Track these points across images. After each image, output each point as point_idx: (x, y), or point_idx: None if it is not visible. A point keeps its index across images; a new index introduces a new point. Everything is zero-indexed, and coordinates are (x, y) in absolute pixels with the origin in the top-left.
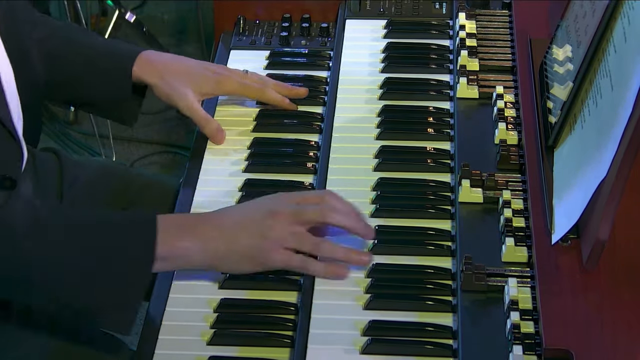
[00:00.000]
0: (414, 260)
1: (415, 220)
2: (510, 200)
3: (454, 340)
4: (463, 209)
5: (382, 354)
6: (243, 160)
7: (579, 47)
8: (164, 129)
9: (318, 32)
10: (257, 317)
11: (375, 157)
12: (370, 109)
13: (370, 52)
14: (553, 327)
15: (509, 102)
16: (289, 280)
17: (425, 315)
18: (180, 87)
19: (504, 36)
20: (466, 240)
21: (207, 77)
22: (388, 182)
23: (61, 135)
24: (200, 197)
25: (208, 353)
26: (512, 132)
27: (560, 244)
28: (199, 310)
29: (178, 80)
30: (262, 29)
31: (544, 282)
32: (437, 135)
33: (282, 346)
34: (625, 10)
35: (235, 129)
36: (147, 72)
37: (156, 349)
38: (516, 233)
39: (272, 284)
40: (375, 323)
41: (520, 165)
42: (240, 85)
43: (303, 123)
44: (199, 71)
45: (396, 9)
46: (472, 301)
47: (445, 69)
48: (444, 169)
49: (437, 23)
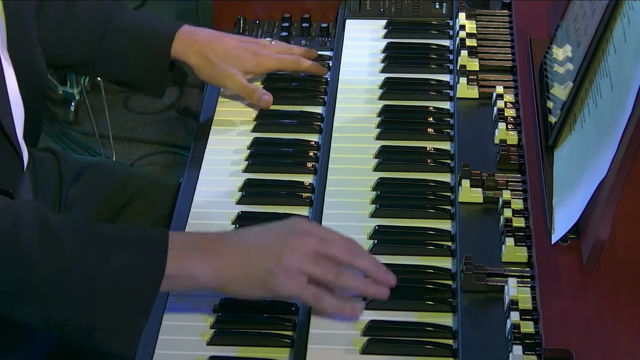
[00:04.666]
0: (414, 260)
1: (415, 220)
2: (510, 200)
3: (454, 340)
4: (463, 209)
5: (382, 354)
6: (243, 160)
7: (579, 47)
8: (164, 129)
9: (318, 32)
10: (257, 317)
11: (375, 157)
12: (370, 109)
13: (370, 52)
14: (553, 327)
15: (509, 102)
16: None
17: (425, 315)
18: (225, 67)
19: (504, 36)
20: (466, 240)
21: (249, 58)
22: (388, 182)
23: (61, 135)
24: (200, 197)
25: (208, 353)
26: (512, 132)
27: (560, 244)
28: (199, 310)
29: (221, 60)
30: (262, 29)
31: (544, 282)
32: (437, 135)
33: (282, 346)
34: (625, 10)
35: (235, 129)
36: (188, 52)
37: (156, 349)
38: (516, 233)
39: None
40: (375, 323)
41: (520, 165)
42: (277, 61)
43: (303, 123)
44: (239, 52)
45: (396, 9)
46: (472, 301)
47: (445, 69)
48: (444, 169)
49: (437, 23)
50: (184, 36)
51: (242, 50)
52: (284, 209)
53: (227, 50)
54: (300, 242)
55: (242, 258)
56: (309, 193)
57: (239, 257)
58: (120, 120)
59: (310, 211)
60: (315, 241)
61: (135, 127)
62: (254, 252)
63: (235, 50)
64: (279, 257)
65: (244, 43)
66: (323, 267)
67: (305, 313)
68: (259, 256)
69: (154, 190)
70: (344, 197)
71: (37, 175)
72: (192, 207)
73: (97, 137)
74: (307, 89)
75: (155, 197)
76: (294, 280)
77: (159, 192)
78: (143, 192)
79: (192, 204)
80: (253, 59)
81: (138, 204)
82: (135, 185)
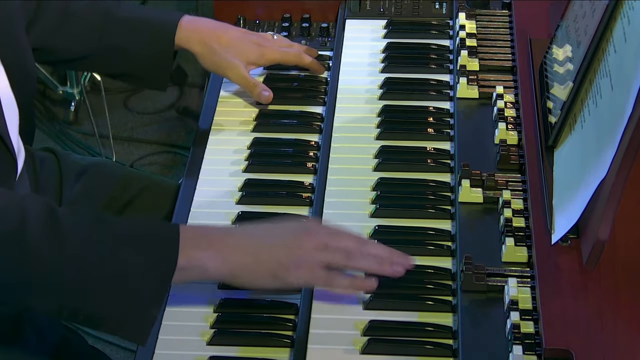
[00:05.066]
0: (414, 260)
1: (415, 220)
2: (510, 200)
3: (454, 340)
4: (463, 209)
5: (382, 354)
6: (243, 160)
7: (579, 47)
8: (164, 129)
9: (318, 32)
10: (257, 317)
11: (375, 157)
12: (370, 109)
13: (370, 52)
14: (553, 327)
15: (509, 102)
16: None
17: (425, 315)
18: (228, 57)
19: (504, 36)
20: (466, 240)
21: (252, 49)
22: (388, 182)
23: (61, 135)
24: (200, 197)
25: (208, 353)
26: (512, 132)
27: (560, 244)
28: (199, 310)
29: (225, 49)
30: (262, 29)
31: (544, 282)
32: (437, 135)
33: (282, 346)
34: (625, 10)
35: (235, 129)
36: (192, 40)
37: (156, 349)
38: (516, 233)
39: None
40: (375, 323)
41: (520, 165)
42: (281, 54)
43: (303, 123)
44: (243, 43)
45: (396, 9)
46: (472, 301)
47: (445, 69)
48: (444, 169)
49: (437, 23)
50: (187, 25)
51: (245, 41)
52: (284, 209)
53: (231, 40)
54: (310, 236)
55: (252, 250)
56: (309, 193)
57: (248, 249)
58: (120, 120)
59: (310, 211)
60: (324, 235)
61: (135, 127)
62: (264, 245)
63: (238, 40)
64: (290, 250)
65: (248, 34)
66: (334, 254)
67: (306, 313)
68: (269, 249)
69: (154, 191)
70: (344, 197)
71: (37, 175)
72: (192, 207)
73: (97, 137)
74: (307, 89)
75: (156, 198)
76: (304, 270)
77: (159, 192)
78: (143, 192)
79: (192, 204)
80: (257, 50)
81: (138, 205)
82: (135, 186)
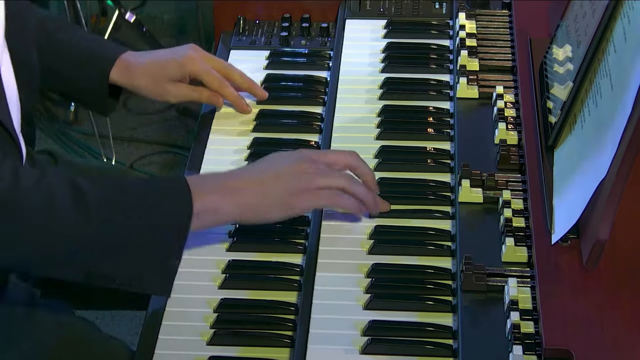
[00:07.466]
0: (414, 260)
1: (415, 220)
2: (510, 200)
3: (454, 340)
4: (463, 209)
5: (382, 354)
6: (243, 160)
7: (579, 47)
8: (164, 129)
9: (318, 32)
10: (257, 317)
11: (375, 157)
12: (370, 109)
13: (370, 52)
14: (553, 327)
15: (509, 102)
16: (289, 281)
17: (425, 315)
18: (154, 85)
19: (504, 36)
20: (466, 240)
21: (173, 62)
22: (388, 182)
23: (61, 135)
24: None
25: (208, 353)
26: (512, 132)
27: (560, 244)
28: (199, 310)
29: (151, 78)
30: (262, 29)
31: (544, 282)
32: (437, 135)
33: (282, 346)
34: (625, 10)
35: (235, 129)
36: (123, 77)
37: (156, 349)
38: (516, 233)
39: (272, 284)
40: (375, 323)
41: (520, 165)
42: (204, 71)
43: (303, 123)
44: (165, 60)
45: (396, 9)
46: (472, 301)
47: (445, 69)
48: (444, 169)
49: (437, 23)
50: (123, 61)
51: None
52: None
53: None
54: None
55: (258, 186)
56: None
57: (254, 185)
58: (120, 120)
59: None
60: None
61: (135, 127)
62: (269, 179)
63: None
64: (294, 177)
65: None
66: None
67: (306, 313)
68: (274, 180)
69: None
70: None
71: None
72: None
73: (97, 137)
74: (307, 89)
75: None
76: (310, 194)
77: None
78: None
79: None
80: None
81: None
82: None
